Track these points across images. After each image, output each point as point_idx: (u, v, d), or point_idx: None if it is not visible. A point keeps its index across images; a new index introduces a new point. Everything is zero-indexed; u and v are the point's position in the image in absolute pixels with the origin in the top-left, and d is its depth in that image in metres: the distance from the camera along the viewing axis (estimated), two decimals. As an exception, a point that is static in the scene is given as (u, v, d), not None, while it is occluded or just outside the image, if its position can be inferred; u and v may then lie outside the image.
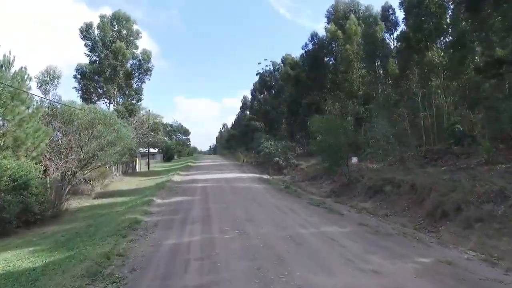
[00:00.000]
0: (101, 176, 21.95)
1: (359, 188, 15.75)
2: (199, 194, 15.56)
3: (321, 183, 20.38)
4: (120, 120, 19.97)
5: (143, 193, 17.00)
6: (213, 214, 10.40)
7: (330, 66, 33.64)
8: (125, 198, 16.10)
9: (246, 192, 15.77)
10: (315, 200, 13.37)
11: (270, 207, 11.53)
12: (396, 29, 30.87)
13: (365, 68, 28.66)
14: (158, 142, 39.89)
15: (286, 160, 27.95)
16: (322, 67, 36.58)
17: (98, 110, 17.47)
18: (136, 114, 31.42)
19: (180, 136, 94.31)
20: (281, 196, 14.48)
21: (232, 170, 30.85)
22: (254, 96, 76.99)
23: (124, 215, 10.63)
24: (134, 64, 31.95)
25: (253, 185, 18.62)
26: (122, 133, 18.49)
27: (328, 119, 15.89)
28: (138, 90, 32.26)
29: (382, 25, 27.62)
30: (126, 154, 20.29)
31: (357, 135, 20.23)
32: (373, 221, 9.82)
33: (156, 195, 15.18)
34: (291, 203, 12.55)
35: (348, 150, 15.98)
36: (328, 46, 34.34)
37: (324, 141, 15.84)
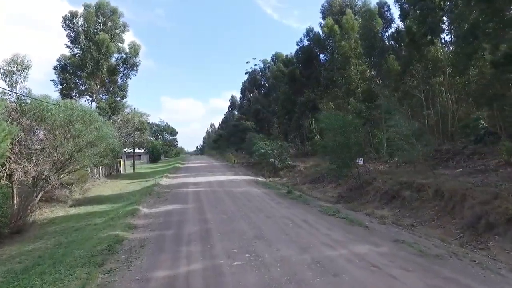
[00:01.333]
0: (80, 180, 19.77)
1: (371, 192, 14.21)
2: (192, 201, 13.67)
3: (324, 186, 18.79)
4: (101, 118, 17.87)
5: (127, 199, 14.97)
6: (213, 229, 8.57)
7: (327, 63, 32.16)
8: (106, 206, 14.05)
9: (245, 198, 13.98)
10: (327, 208, 11.68)
11: (279, 218, 9.78)
12: (391, 26, 29.87)
13: (365, 63, 27.29)
14: (144, 142, 37.51)
15: (282, 161, 26.27)
16: (318, 64, 35.19)
17: (76, 106, 15.36)
18: (120, 112, 29.13)
19: (167, 136, 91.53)
20: (286, 203, 12.74)
21: (224, 172, 28.96)
22: (244, 95, 75.46)
23: (103, 231, 8.70)
24: (120, 59, 29.65)
25: (251, 190, 16.84)
26: (104, 132, 16.42)
27: (339, 116, 14.25)
28: (122, 87, 29.95)
29: (380, 20, 26.40)
30: (109, 155, 18.17)
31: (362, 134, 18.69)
32: (406, 235, 8.19)
33: (142, 203, 13.22)
34: (302, 212, 10.84)
35: (358, 150, 14.40)
36: (324, 42, 32.87)
37: (333, 140, 14.21)
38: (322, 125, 14.52)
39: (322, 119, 14.94)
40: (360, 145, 14.43)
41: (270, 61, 62.92)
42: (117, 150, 19.49)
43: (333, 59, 31.26)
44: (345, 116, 14.12)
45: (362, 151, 15.37)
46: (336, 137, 14.10)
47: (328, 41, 30.75)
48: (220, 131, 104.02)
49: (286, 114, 38.88)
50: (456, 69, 21.95)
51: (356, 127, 13.96)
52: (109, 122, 26.67)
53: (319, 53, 35.60)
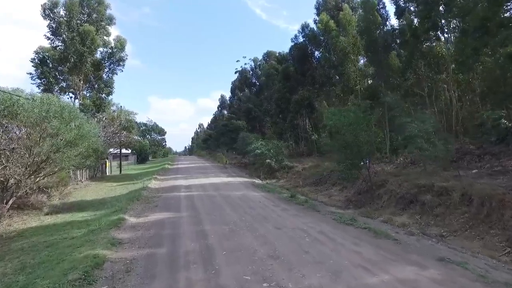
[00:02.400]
0: (60, 183, 17.97)
1: (384, 196, 12.92)
2: (185, 208, 12.11)
3: (328, 189, 17.48)
4: (84, 115, 16.12)
5: (112, 206, 13.32)
6: (214, 246, 7.08)
7: (322, 60, 30.93)
8: (87, 214, 12.37)
9: (246, 203, 12.50)
10: (340, 215, 10.33)
11: (291, 230, 8.35)
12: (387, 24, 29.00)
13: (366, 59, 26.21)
14: (132, 142, 35.60)
15: (279, 162, 24.89)
16: (313, 61, 34.02)
17: (53, 101, 13.60)
18: (106, 110, 27.22)
19: (155, 136, 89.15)
20: (293, 209, 11.33)
21: (217, 174, 27.39)
22: (234, 94, 74.17)
23: (80, 248, 7.10)
24: (105, 53, 27.71)
25: (250, 193, 15.37)
26: (85, 130, 14.71)
27: (349, 112, 12.91)
28: (108, 83, 28.01)
29: (378, 17, 25.42)
30: (91, 156, 16.41)
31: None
32: (445, 250, 6.89)
33: (129, 210, 11.60)
34: (314, 221, 9.44)
35: (369, 150, 13.11)
36: (320, 38, 31.67)
37: (341, 139, 12.88)
38: (330, 122, 13.15)
39: (329, 115, 13.59)
40: (372, 144, 13.11)
41: (261, 59, 61.70)
42: (101, 151, 17.73)
43: (330, 56, 30.09)
44: (356, 112, 12.75)
45: (374, 151, 14.06)
46: (345, 136, 12.76)
47: (324, 37, 29.51)
48: (209, 131, 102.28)
49: (280, 113, 37.55)
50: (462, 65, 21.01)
51: (368, 124, 12.65)
52: (93, 120, 24.84)
53: (314, 50, 34.46)
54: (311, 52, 34.63)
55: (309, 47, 34.65)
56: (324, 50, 29.76)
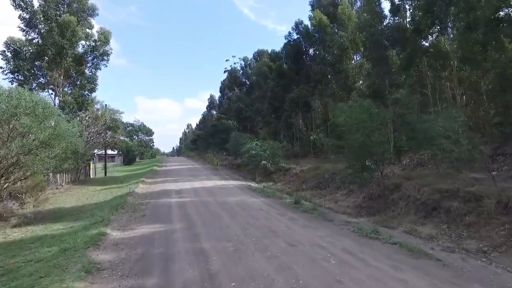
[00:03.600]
0: (35, 188, 16.12)
1: (400, 202, 11.63)
2: (178, 218, 10.54)
3: (332, 193, 16.15)
4: (61, 112, 14.33)
5: (93, 215, 11.64)
6: (220, 275, 5.55)
7: (317, 57, 29.69)
8: (63, 226, 10.65)
9: (246, 212, 11.01)
10: (357, 225, 8.97)
11: (309, 247, 6.92)
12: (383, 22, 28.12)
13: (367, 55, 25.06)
14: (117, 143, 33.62)
15: (275, 163, 23.48)
16: (308, 58, 32.82)
17: (24, 95, 11.83)
18: (89, 108, 25.26)
19: (142, 136, 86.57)
20: (302, 219, 9.90)
21: (209, 176, 25.79)
22: (223, 94, 72.87)
23: (44, 280, 5.50)
24: (88, 46, 25.72)
25: (248, 199, 13.88)
26: (62, 129, 12.97)
27: (363, 108, 11.56)
28: (91, 79, 26.03)
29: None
30: (70, 158, 14.62)
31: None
32: (505, 275, 5.57)
33: (112, 222, 9.97)
34: (331, 234, 8.03)
35: (384, 151, 11.81)
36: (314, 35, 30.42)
37: (352, 138, 11.55)
38: (340, 119, 11.78)
39: (338, 112, 12.23)
40: (385, 144, 11.81)
41: (252, 58, 60.44)
42: (81, 152, 15.93)
43: (326, 53, 28.92)
44: (370, 108, 11.42)
45: (388, 152, 12.77)
46: (357, 135, 11.43)
47: (320, 34, 28.26)
48: (198, 131, 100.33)
49: (274, 112, 36.23)
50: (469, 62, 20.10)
51: (382, 122, 11.34)
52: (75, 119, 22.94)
53: (309, 47, 33.26)
54: (306, 49, 33.44)
55: (303, 44, 33.46)
56: (320, 46, 28.51)
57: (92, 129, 27.41)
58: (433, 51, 22.20)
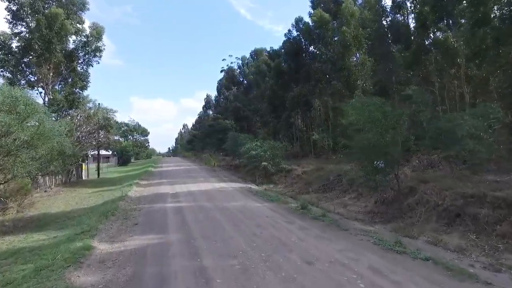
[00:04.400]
0: (19, 192, 14.95)
1: (417, 208, 10.64)
2: (174, 226, 9.44)
3: (339, 197, 15.14)
4: (45, 109, 13.13)
5: (79, 223, 10.53)
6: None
7: (320, 54, 28.71)
8: (45, 237, 9.52)
9: (250, 220, 9.94)
10: (380, 238, 7.93)
11: (330, 266, 5.88)
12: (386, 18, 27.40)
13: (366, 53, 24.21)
14: (110, 143, 32.37)
15: (276, 165, 22.43)
16: (308, 56, 31.84)
17: (3, 90, 10.68)
18: (80, 107, 24.02)
19: (137, 136, 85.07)
20: (315, 228, 8.85)
21: (207, 178, 24.69)
22: (220, 93, 71.98)
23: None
24: (79, 42, 24.46)
25: (251, 204, 12.82)
26: (47, 128, 11.82)
27: (376, 105, 10.54)
28: (82, 76, 24.80)
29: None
30: (57, 160, 13.44)
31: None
32: None
33: (100, 231, 8.86)
34: (353, 248, 6.99)
35: (399, 151, 10.82)
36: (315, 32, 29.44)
37: (365, 138, 10.55)
38: (352, 117, 10.76)
39: (350, 110, 11.20)
40: (400, 145, 10.80)
41: (249, 57, 59.52)
42: (69, 153, 14.76)
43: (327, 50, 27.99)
44: (384, 106, 10.41)
45: (403, 152, 11.76)
46: (370, 134, 10.43)
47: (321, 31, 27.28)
48: (194, 131, 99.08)
49: (273, 112, 35.19)
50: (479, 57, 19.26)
51: (397, 121, 10.32)
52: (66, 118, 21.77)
53: (309, 45, 32.27)
54: (306, 47, 32.46)
55: (303, 42, 32.49)
56: (322, 43, 27.54)
57: (84, 128, 26.18)
58: (440, 48, 21.38)
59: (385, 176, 10.97)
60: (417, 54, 21.88)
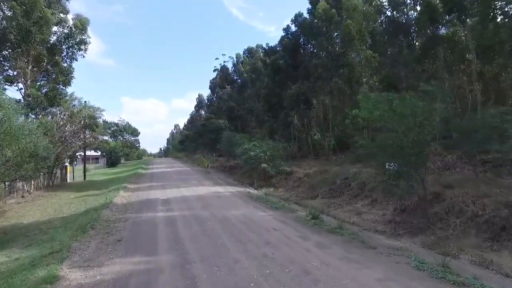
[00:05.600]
0: (-12, 199, 13.11)
1: (449, 218, 9.20)
2: (166, 245, 7.79)
3: (351, 203, 13.63)
4: (13, 105, 11.29)
5: (52, 238, 8.81)
6: None
7: (320, 50, 27.26)
8: (3, 259, 7.79)
9: (257, 235, 8.34)
10: (420, 260, 6.44)
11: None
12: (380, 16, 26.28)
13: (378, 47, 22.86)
14: (97, 143, 30.42)
15: (276, 166, 20.89)
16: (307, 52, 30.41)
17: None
18: (63, 104, 22.08)
19: (127, 136, 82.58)
20: (336, 246, 7.30)
21: (201, 181, 23.02)
22: (213, 92, 70.42)
23: None
24: (61, 33, 22.50)
25: (254, 213, 11.23)
26: (15, 127, 10.06)
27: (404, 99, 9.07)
28: (66, 70, 22.87)
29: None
30: (28, 163, 11.61)
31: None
32: None
33: (73, 253, 7.18)
34: (395, 278, 5.46)
35: (426, 152, 9.39)
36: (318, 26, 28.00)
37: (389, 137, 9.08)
38: (376, 113, 9.27)
39: (369, 105, 9.71)
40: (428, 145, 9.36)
41: (243, 55, 58.00)
42: (44, 155, 12.95)
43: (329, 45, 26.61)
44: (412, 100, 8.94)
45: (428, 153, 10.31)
46: (395, 133, 8.96)
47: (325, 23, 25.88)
48: (186, 132, 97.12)
49: (269, 111, 33.63)
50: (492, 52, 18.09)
51: (427, 118, 8.84)
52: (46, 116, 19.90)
53: (308, 41, 30.82)
54: (305, 43, 31.00)
55: (302, 38, 31.03)
56: (324, 38, 26.11)
57: (68, 128, 24.28)
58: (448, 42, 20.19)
59: (409, 181, 9.50)
60: (425, 49, 20.66)
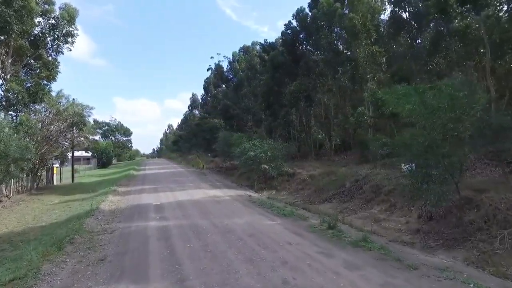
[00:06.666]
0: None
1: (492, 227, 7.88)
2: (159, 267, 6.30)
3: (365, 208, 12.30)
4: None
5: (20, 257, 7.29)
6: None
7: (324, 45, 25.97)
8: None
9: (270, 252, 6.93)
10: (467, 281, 5.11)
11: None
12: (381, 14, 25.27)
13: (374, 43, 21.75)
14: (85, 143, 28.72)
15: (277, 168, 19.50)
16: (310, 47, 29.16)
17: None
18: (46, 100, 20.37)
19: (119, 136, 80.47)
20: (370, 267, 5.91)
21: (197, 183, 21.53)
22: (207, 91, 69.16)
23: None
24: (46, 24, 20.81)
25: (261, 223, 9.80)
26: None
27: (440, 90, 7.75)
28: (50, 64, 21.16)
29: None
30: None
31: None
32: None
33: (40, 280, 5.69)
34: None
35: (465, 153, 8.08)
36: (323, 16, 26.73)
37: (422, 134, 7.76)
38: (407, 107, 7.89)
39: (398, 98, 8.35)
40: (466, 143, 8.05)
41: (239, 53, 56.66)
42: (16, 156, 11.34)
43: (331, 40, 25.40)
44: (452, 89, 7.62)
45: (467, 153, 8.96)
46: (430, 130, 7.65)
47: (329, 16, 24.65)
48: (179, 132, 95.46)
49: (268, 109, 32.28)
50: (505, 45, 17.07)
51: (470, 111, 7.52)
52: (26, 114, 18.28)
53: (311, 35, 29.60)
54: (306, 38, 29.73)
55: (302, 33, 29.77)
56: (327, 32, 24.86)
57: (54, 126, 22.61)
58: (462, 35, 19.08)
59: (443, 185, 8.18)
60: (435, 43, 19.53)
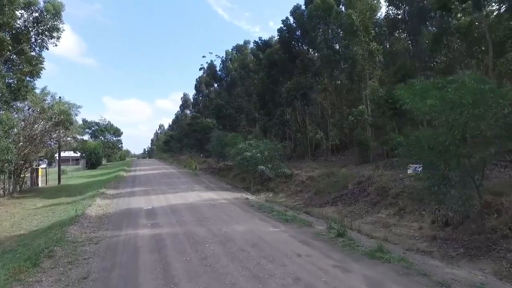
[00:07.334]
0: None
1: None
2: (151, 286, 5.44)
3: (372, 212, 11.56)
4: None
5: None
6: None
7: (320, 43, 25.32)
8: None
9: (280, 268, 6.08)
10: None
11: None
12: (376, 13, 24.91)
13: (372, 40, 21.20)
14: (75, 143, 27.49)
15: (275, 169, 18.70)
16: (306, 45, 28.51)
17: None
18: (29, 97, 19.17)
19: (109, 136, 78.70)
20: (398, 285, 5.13)
21: (190, 185, 20.58)
22: (199, 91, 68.29)
23: None
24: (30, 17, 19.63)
25: (263, 229, 8.97)
26: None
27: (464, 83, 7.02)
28: (34, 60, 19.97)
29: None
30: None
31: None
32: None
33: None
34: None
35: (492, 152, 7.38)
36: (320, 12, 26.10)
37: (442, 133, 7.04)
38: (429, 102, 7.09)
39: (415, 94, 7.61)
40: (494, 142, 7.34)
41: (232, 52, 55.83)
42: None
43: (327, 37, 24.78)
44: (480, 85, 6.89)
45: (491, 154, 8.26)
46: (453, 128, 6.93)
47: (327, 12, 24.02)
48: (170, 132, 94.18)
49: (263, 108, 31.50)
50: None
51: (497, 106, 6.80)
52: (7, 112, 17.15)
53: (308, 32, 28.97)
54: (302, 36, 29.07)
55: (298, 30, 29.12)
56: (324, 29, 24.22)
57: (38, 126, 21.44)
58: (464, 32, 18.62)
59: (464, 189, 7.48)
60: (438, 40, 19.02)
